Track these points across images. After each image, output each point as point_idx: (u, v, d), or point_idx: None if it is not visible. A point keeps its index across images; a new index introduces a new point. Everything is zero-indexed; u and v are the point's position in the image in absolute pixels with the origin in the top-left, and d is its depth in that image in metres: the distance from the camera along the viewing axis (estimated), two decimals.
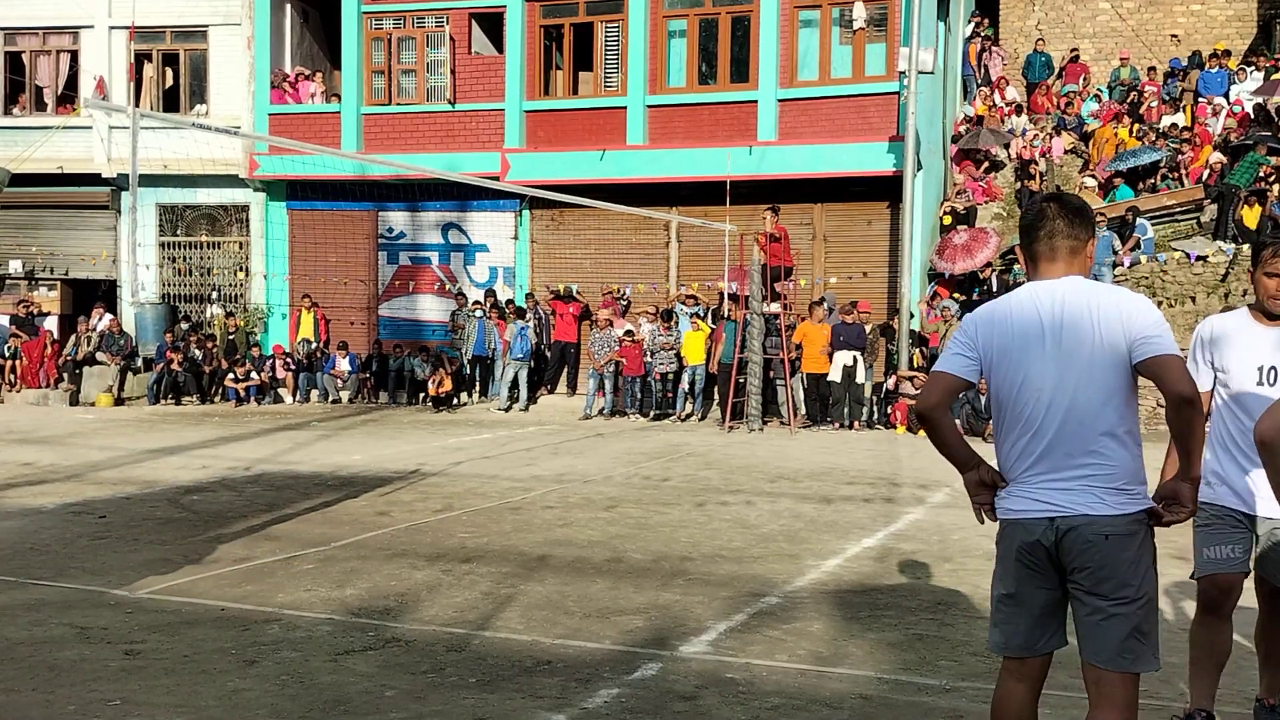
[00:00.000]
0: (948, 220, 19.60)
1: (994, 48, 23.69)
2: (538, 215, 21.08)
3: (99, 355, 20.89)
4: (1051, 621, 3.42)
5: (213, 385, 20.72)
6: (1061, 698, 4.79)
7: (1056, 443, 3.29)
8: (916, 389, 16.55)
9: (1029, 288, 3.45)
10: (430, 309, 21.82)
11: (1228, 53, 22.10)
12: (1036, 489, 3.31)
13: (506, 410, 18.87)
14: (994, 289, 18.30)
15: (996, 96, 23.13)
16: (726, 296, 18.26)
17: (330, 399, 20.44)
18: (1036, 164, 20.76)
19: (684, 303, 19.07)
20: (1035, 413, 3.32)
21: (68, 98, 22.77)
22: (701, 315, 18.56)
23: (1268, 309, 4.31)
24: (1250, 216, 17.97)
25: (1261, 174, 18.36)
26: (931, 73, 18.23)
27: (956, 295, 18.55)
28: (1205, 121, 20.64)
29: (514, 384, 19.06)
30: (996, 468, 3.47)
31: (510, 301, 20.56)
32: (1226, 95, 21.15)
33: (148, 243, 22.02)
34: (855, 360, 16.79)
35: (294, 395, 20.59)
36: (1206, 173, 19.08)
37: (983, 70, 23.54)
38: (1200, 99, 21.45)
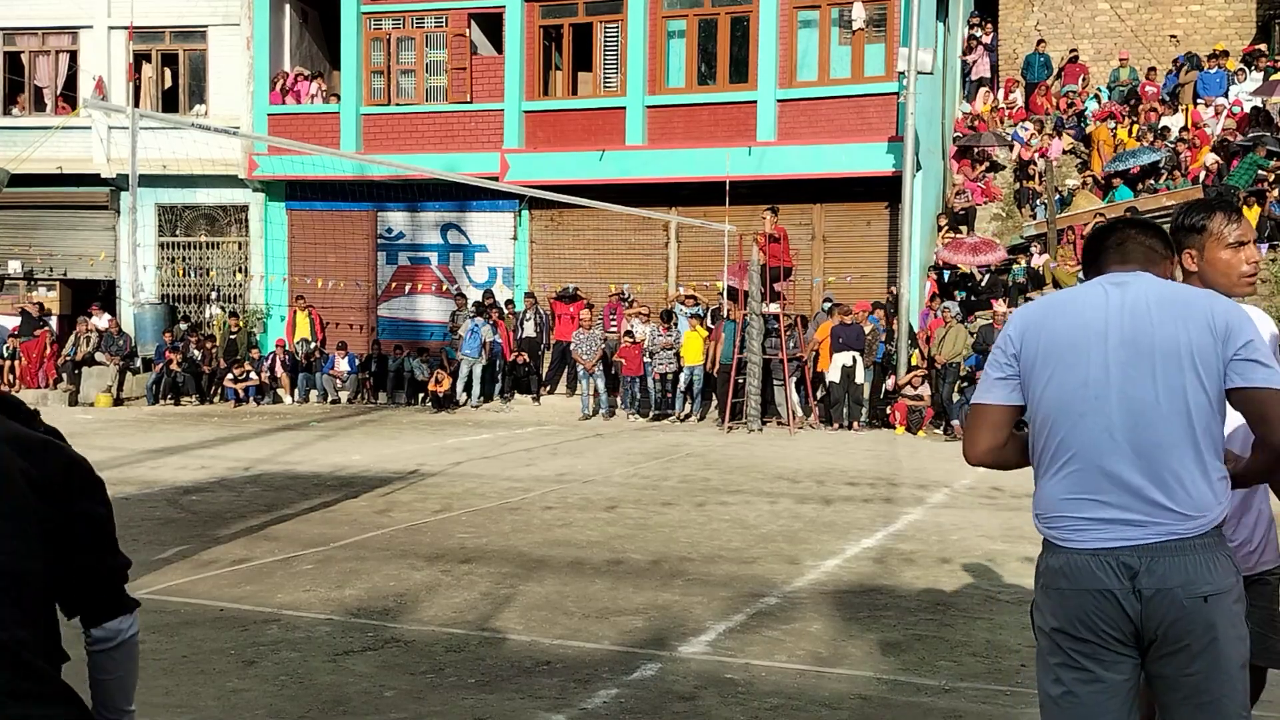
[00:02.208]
0: (943, 223, 19.64)
1: (980, 47, 23.68)
2: (537, 215, 21.08)
3: (98, 355, 20.88)
4: (1132, 714, 2.70)
5: (212, 385, 20.72)
6: None
7: (1127, 468, 2.65)
8: (915, 387, 16.56)
9: (1095, 280, 2.87)
10: (429, 309, 21.81)
11: (1226, 53, 22.10)
12: (1100, 524, 2.65)
13: (475, 407, 19.01)
14: (987, 286, 18.34)
15: (999, 96, 23.15)
16: (725, 292, 18.26)
17: (329, 399, 20.43)
18: (1035, 164, 20.77)
19: (683, 303, 19.06)
20: (1098, 429, 2.68)
21: (67, 98, 22.76)
22: (701, 316, 18.55)
23: (1237, 289, 3.34)
24: (1250, 217, 17.97)
25: (1260, 175, 18.38)
26: (930, 73, 18.24)
27: (954, 293, 18.57)
28: (1205, 124, 20.64)
29: (490, 381, 19.21)
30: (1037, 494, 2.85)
31: (505, 302, 20.55)
32: (1225, 96, 21.16)
33: (147, 243, 22.00)
34: (854, 360, 16.79)
35: (293, 395, 20.58)
36: (1204, 174, 19.09)
37: (973, 71, 23.54)
38: (1199, 100, 21.46)
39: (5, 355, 20.88)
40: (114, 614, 2.08)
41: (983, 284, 18.46)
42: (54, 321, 22.12)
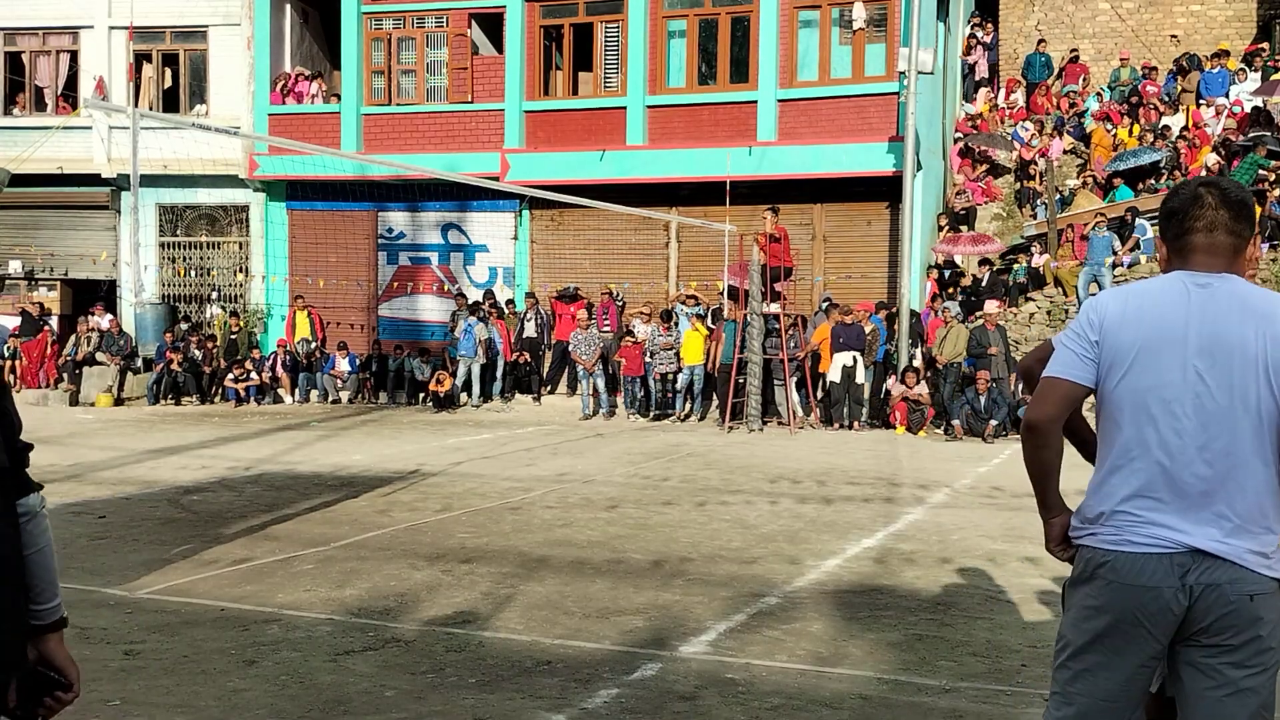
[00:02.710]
0: (944, 223, 19.66)
1: (979, 47, 23.68)
2: (537, 215, 21.08)
3: (99, 355, 20.89)
4: (1141, 694, 2.81)
5: (212, 385, 20.72)
6: None
7: (1194, 473, 2.68)
8: (911, 386, 16.55)
9: (1177, 275, 2.81)
10: (430, 309, 21.82)
11: (1227, 53, 22.10)
12: (1159, 529, 2.69)
13: (476, 407, 19.04)
14: (987, 286, 18.34)
15: (998, 97, 23.16)
16: (725, 292, 18.25)
17: (330, 399, 20.43)
18: (1036, 164, 20.77)
19: (684, 303, 19.07)
20: (1168, 432, 2.69)
21: (68, 98, 22.77)
22: (702, 315, 18.56)
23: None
24: None
25: (1260, 175, 18.37)
26: (931, 73, 18.24)
27: (950, 290, 18.57)
28: (1206, 124, 20.63)
29: (490, 381, 19.23)
30: (1090, 495, 2.87)
31: (506, 302, 20.55)
32: (1226, 96, 21.15)
33: (147, 243, 22.01)
34: (855, 360, 16.80)
35: (293, 395, 20.59)
36: (1204, 174, 19.08)
37: (973, 69, 23.55)
38: (1200, 100, 21.46)
39: (6, 355, 20.89)
40: (27, 491, 2.46)
41: (983, 283, 18.46)
42: (55, 321, 22.13)
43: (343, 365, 20.68)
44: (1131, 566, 2.70)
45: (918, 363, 16.90)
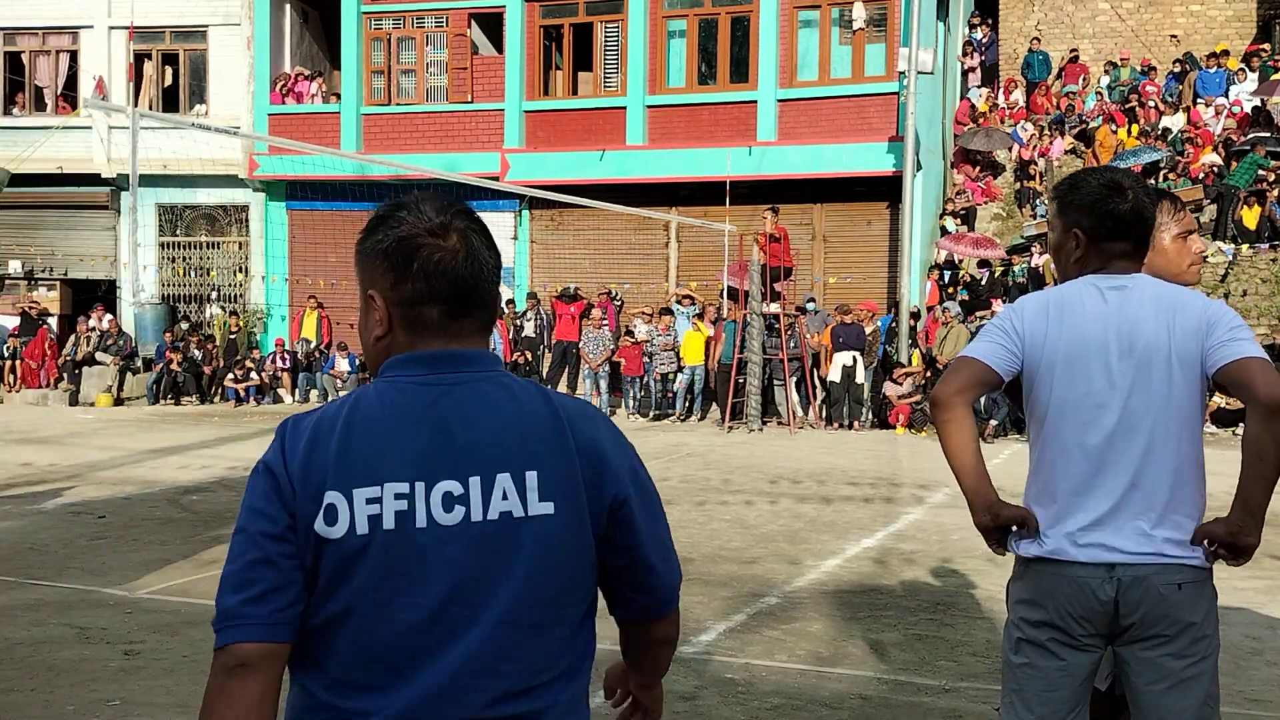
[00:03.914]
0: (944, 222, 19.67)
1: (974, 54, 23.66)
2: (537, 215, 21.08)
3: (98, 355, 20.88)
4: (1086, 694, 2.84)
5: (212, 385, 20.72)
6: None
7: (1121, 477, 2.70)
8: (900, 384, 16.55)
9: (1090, 281, 2.82)
10: None
11: (1226, 53, 22.11)
12: (1089, 531, 2.71)
13: None
14: (987, 286, 18.34)
15: (997, 96, 23.16)
16: (725, 293, 18.25)
17: (330, 399, 20.39)
18: (1036, 164, 20.77)
19: (680, 303, 19.07)
20: (1094, 438, 2.72)
21: (68, 98, 22.77)
22: (698, 315, 18.55)
23: (1185, 278, 3.26)
24: (1250, 217, 18.01)
25: (1260, 175, 18.39)
26: (931, 73, 18.24)
27: (949, 289, 18.57)
28: (1206, 124, 20.63)
29: None
30: (1027, 499, 2.88)
31: (506, 302, 20.54)
32: (1226, 95, 21.16)
33: (147, 243, 22.01)
34: (855, 360, 16.80)
35: (293, 395, 20.59)
36: (1204, 174, 19.09)
37: (967, 76, 23.53)
38: (1199, 99, 21.46)
39: (5, 355, 20.89)
40: None
41: (983, 284, 18.46)
42: (54, 321, 22.13)
43: (342, 365, 20.67)
44: (1062, 569, 2.74)
45: (917, 364, 16.90)
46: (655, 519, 1.91)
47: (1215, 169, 19.05)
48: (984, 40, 23.96)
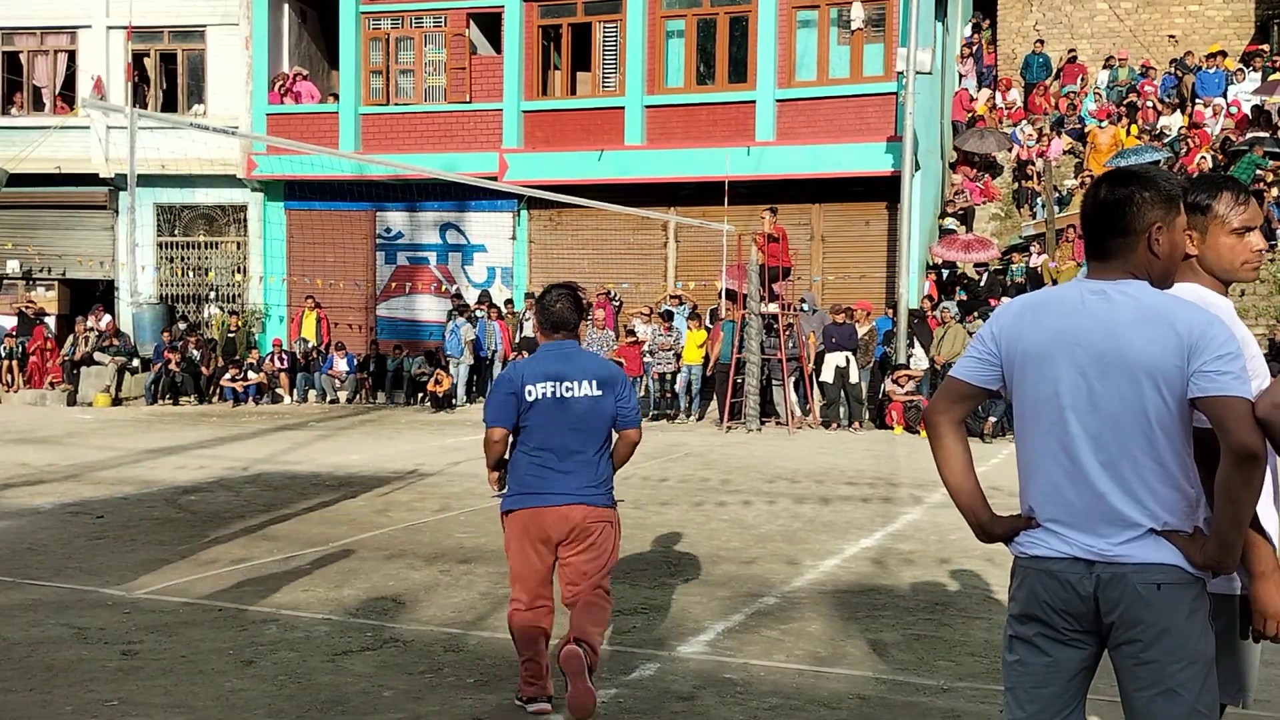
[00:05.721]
0: (945, 222, 19.67)
1: (969, 59, 23.67)
2: (536, 215, 21.08)
3: (97, 355, 20.87)
4: (1079, 693, 2.84)
5: (210, 385, 20.71)
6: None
7: (1095, 478, 2.72)
8: (902, 386, 16.55)
9: (1078, 283, 2.83)
10: (428, 309, 21.81)
11: (1224, 53, 22.11)
12: (1068, 528, 2.75)
13: (460, 406, 19.09)
14: (986, 286, 18.34)
15: (998, 97, 23.16)
16: (723, 294, 18.24)
17: (328, 399, 20.42)
18: (1034, 164, 20.78)
19: (669, 302, 19.06)
20: (1065, 439, 2.75)
21: (66, 98, 22.75)
22: (697, 315, 18.53)
23: (1238, 276, 3.11)
24: None
25: (1258, 174, 18.40)
26: (929, 73, 18.24)
27: (949, 290, 18.58)
28: (1205, 124, 20.64)
29: (485, 380, 19.29)
30: (1021, 497, 2.93)
31: (505, 302, 20.54)
32: (1224, 96, 21.17)
33: (145, 243, 22.00)
34: (848, 361, 16.79)
35: (292, 395, 20.58)
36: (1196, 174, 19.10)
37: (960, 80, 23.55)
38: (1198, 99, 21.47)
39: (3, 355, 20.87)
40: None
41: (981, 283, 18.46)
42: (52, 321, 22.11)
43: (341, 365, 20.67)
44: (1043, 564, 2.80)
45: (920, 364, 16.88)
46: (631, 399, 4.97)
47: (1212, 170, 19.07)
48: (983, 43, 23.95)
